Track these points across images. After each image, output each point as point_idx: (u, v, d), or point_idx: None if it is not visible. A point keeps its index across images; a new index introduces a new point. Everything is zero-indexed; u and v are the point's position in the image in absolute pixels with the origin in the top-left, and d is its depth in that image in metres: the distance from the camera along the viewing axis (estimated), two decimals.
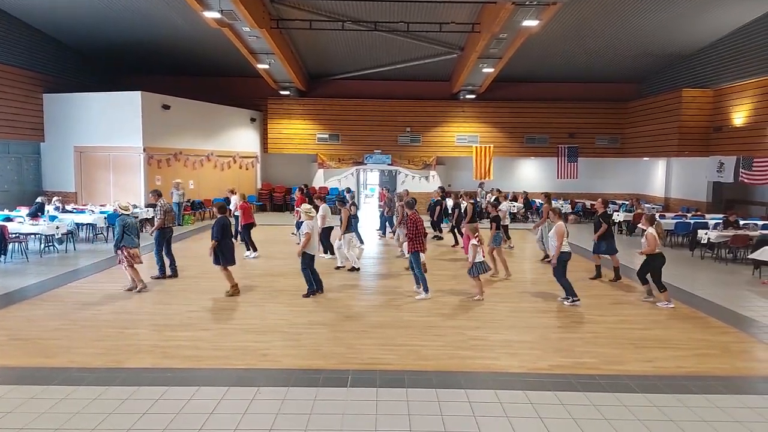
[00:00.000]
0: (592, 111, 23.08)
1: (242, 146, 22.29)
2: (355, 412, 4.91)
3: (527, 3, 12.28)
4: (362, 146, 23.19)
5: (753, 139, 16.01)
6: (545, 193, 14.34)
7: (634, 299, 9.11)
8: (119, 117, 17.51)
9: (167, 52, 19.86)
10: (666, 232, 15.08)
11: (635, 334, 7.23)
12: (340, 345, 6.68)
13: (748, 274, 11.37)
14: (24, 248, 12.08)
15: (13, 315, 7.73)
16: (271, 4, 14.98)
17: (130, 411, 4.86)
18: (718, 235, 12.65)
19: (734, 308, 8.58)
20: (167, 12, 15.92)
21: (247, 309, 8.21)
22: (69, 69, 19.67)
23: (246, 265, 11.46)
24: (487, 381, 5.64)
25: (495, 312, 8.21)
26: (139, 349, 6.45)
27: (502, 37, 15.25)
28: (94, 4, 15.49)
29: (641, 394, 5.34)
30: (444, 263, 12.12)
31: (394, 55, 20.11)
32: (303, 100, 23.13)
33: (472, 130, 23.14)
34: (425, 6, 14.94)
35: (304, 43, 18.88)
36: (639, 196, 22.31)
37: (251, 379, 5.60)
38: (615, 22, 16.21)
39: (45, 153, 18.45)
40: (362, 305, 8.58)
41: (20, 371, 5.72)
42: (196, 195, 19.87)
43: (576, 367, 6.06)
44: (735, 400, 5.27)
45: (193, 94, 20.42)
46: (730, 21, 16.06)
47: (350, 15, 15.94)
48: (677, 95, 18.60)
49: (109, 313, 7.89)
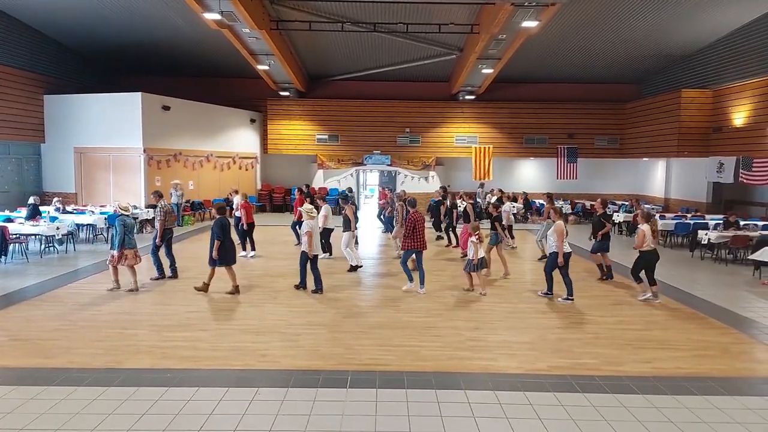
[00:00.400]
0: (592, 111, 23.10)
1: (242, 147, 22.31)
2: (354, 412, 4.91)
3: (526, 4, 12.29)
4: (362, 147, 23.21)
5: (752, 139, 16.02)
6: (547, 194, 14.34)
7: (633, 300, 9.10)
8: (119, 118, 17.53)
9: (167, 53, 19.88)
10: (666, 233, 15.13)
11: (634, 335, 7.24)
12: (339, 345, 6.68)
13: (748, 275, 11.37)
14: (24, 249, 12.09)
15: (13, 315, 7.73)
16: (271, 5, 15.00)
17: (129, 412, 4.86)
18: (718, 236, 12.65)
19: (734, 309, 8.58)
20: (167, 13, 15.94)
21: (246, 309, 8.22)
22: (69, 70, 19.70)
23: (245, 265, 11.47)
24: (487, 382, 5.64)
25: (494, 312, 8.22)
26: (139, 349, 6.46)
27: (501, 38, 15.26)
28: (95, 5, 15.51)
29: (641, 395, 5.35)
30: (442, 263, 12.12)
31: (393, 56, 20.14)
32: (302, 101, 23.15)
33: (471, 131, 23.15)
34: (424, 7, 14.96)
35: (303, 44, 18.90)
36: (639, 196, 22.30)
37: (250, 379, 5.60)
38: (614, 22, 16.23)
39: (45, 154, 18.46)
40: (361, 306, 8.59)
41: (20, 372, 5.73)
42: (196, 195, 19.88)
43: (575, 367, 6.06)
44: (735, 401, 5.27)
45: (193, 95, 20.46)
46: (730, 21, 16.07)
47: (350, 16, 15.96)
48: (677, 96, 18.61)
49: (109, 313, 7.90)
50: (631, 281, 9.49)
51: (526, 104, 23.15)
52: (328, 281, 9.81)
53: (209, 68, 21.72)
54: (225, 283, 9.13)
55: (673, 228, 14.82)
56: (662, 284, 10.28)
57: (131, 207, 10.00)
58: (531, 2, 12.19)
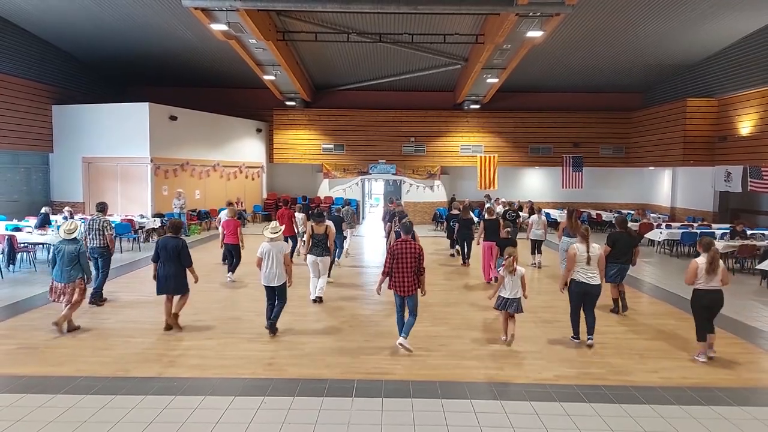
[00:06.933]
0: (597, 120, 23.12)
1: (248, 156, 22.45)
2: (360, 421, 4.92)
3: (531, 14, 12.36)
4: (367, 156, 23.30)
5: (758, 148, 15.98)
6: (568, 209, 12.34)
7: (639, 309, 9.07)
8: (127, 128, 17.71)
9: (174, 63, 20.09)
10: (672, 242, 15.08)
11: (641, 344, 7.21)
12: (344, 354, 6.69)
13: (755, 284, 11.31)
14: (32, 258, 12.19)
15: (21, 324, 7.78)
16: (278, 16, 15.16)
17: (136, 420, 4.88)
18: (725, 245, 12.59)
19: (741, 319, 8.53)
20: (175, 24, 16.13)
21: (252, 318, 8.24)
22: (78, 81, 19.95)
23: (250, 273, 11.41)
24: (492, 391, 5.63)
25: (499, 321, 8.18)
26: (146, 358, 6.49)
27: (506, 47, 15.34)
28: (104, 17, 15.71)
29: (647, 405, 5.32)
30: (446, 271, 12.10)
31: (398, 66, 20.27)
32: (308, 110, 23.30)
33: (476, 140, 23.21)
34: (429, 18, 15.07)
35: (309, 54, 19.06)
36: (645, 205, 22.26)
37: (257, 388, 5.62)
38: (619, 32, 16.27)
39: (53, 163, 18.64)
40: (366, 314, 8.60)
41: (28, 380, 5.76)
42: (203, 205, 20.00)
43: (582, 377, 6.04)
44: (742, 411, 5.24)
45: (199, 105, 20.67)
46: (735, 31, 16.09)
47: (355, 27, 16.10)
48: (682, 105, 18.61)
49: (116, 321, 7.94)
50: (635, 289, 9.34)
51: (531, 113, 23.20)
52: (335, 289, 9.82)
53: (216, 78, 21.92)
54: (224, 292, 9.13)
55: (679, 237, 14.79)
56: (668, 293, 10.26)
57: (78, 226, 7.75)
58: (535, 12, 12.26)
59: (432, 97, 23.54)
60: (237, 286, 10.42)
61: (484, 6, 12.54)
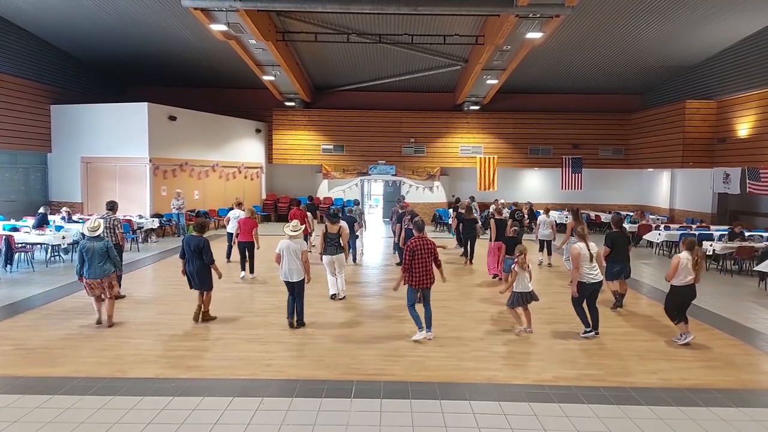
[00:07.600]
0: (596, 122, 23.14)
1: (247, 157, 22.44)
2: (358, 422, 4.91)
3: (530, 15, 12.37)
4: (366, 157, 23.32)
5: (757, 150, 16.00)
6: (571, 209, 12.84)
7: (639, 310, 9.07)
8: (126, 128, 17.68)
9: (174, 63, 20.08)
10: (671, 243, 15.09)
11: (640, 346, 7.21)
12: (343, 355, 6.68)
13: (754, 286, 11.32)
14: (30, 258, 12.17)
15: (19, 324, 7.77)
16: (278, 17, 15.16)
17: (134, 421, 4.87)
18: (723, 247, 12.62)
19: (739, 320, 8.54)
20: (174, 24, 16.12)
21: (251, 319, 8.23)
22: (76, 80, 19.93)
23: (254, 273, 11.43)
24: (491, 392, 5.62)
25: (499, 323, 8.19)
26: (144, 358, 6.47)
27: (505, 49, 15.35)
28: (102, 16, 15.71)
29: (646, 407, 5.32)
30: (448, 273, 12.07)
31: (398, 66, 20.28)
32: (308, 111, 23.30)
33: (476, 141, 23.23)
34: (429, 19, 15.08)
35: (309, 55, 19.06)
36: (644, 207, 22.29)
37: (255, 389, 5.61)
38: (618, 34, 16.30)
39: (52, 163, 18.62)
40: (365, 316, 8.59)
41: (25, 381, 5.75)
42: (202, 205, 19.98)
43: (580, 378, 6.04)
44: (740, 413, 5.24)
45: (199, 105, 20.65)
46: (734, 32, 16.12)
47: (355, 28, 16.11)
48: (681, 106, 18.64)
49: (114, 322, 7.92)
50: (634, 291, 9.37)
51: (530, 114, 23.22)
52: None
53: (215, 79, 21.92)
54: (227, 293, 9.12)
55: (678, 239, 14.78)
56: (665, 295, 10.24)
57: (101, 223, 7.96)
58: (535, 14, 12.27)
59: (432, 98, 23.55)
60: (237, 287, 10.42)
61: (484, 7, 12.55)
